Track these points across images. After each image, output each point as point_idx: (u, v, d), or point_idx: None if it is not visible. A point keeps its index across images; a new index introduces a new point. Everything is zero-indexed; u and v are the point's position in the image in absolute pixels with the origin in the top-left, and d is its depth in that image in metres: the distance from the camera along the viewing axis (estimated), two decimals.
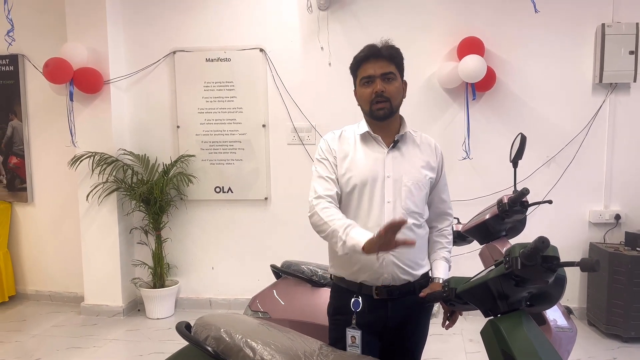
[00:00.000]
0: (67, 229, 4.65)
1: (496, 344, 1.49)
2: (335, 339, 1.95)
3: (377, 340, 1.95)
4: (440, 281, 1.93)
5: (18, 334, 4.03)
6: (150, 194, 4.15)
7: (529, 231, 2.46)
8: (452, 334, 3.84)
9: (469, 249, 3.08)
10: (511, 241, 2.50)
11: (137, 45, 4.41)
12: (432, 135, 2.08)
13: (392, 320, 1.92)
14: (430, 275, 2.01)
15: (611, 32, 3.86)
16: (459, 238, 2.70)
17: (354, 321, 1.89)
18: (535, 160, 4.04)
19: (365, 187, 1.89)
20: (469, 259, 3.28)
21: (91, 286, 4.43)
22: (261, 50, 4.28)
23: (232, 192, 4.42)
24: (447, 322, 1.91)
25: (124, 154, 4.32)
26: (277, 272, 2.78)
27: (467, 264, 2.92)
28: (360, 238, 1.68)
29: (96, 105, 4.27)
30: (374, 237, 1.63)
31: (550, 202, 2.50)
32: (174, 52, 4.36)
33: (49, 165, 4.67)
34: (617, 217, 4.02)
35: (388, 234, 1.56)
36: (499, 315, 1.54)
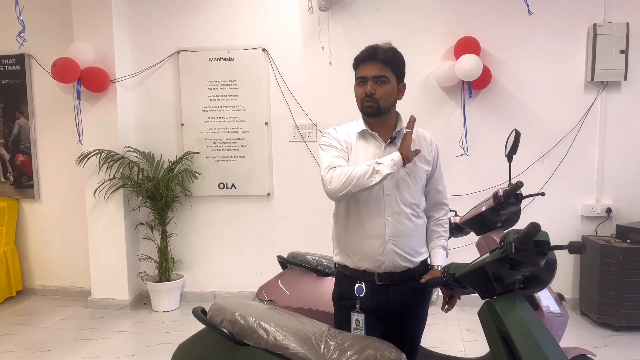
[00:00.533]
0: (73, 225, 4.75)
1: (492, 323, 1.62)
2: (341, 323, 2.07)
3: (380, 324, 2.06)
4: (439, 268, 2.04)
5: (27, 327, 4.13)
6: (156, 190, 4.25)
7: (524, 223, 2.56)
8: (450, 324, 3.99)
9: (466, 242, 3.20)
10: None
11: (142, 45, 4.52)
12: (430, 132, 2.19)
13: (394, 305, 2.04)
14: (429, 262, 2.13)
15: (602, 32, 3.98)
16: (456, 230, 2.82)
17: (357, 306, 2.01)
18: (530, 156, 4.17)
19: None
20: (466, 251, 3.39)
21: (98, 280, 4.54)
22: (263, 50, 4.39)
23: (235, 188, 4.53)
24: (447, 306, 2.03)
25: (130, 151, 4.43)
26: (284, 262, 2.89)
27: (464, 255, 3.04)
28: (392, 154, 1.92)
29: (102, 104, 4.37)
30: (403, 139, 1.96)
31: (543, 194, 2.62)
32: (178, 52, 4.47)
33: (55, 163, 4.78)
34: (609, 210, 4.15)
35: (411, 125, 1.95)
36: (494, 297, 1.67)
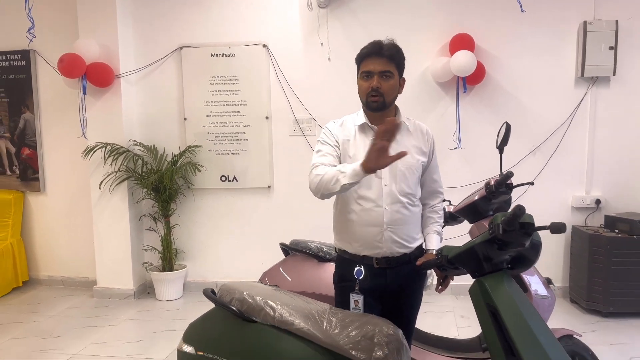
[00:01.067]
0: (78, 217, 4.88)
1: (482, 299, 1.75)
2: (341, 303, 2.20)
3: (378, 304, 2.19)
4: (433, 252, 2.17)
5: (35, 315, 4.26)
6: (160, 183, 4.37)
7: None
8: (445, 311, 4.14)
9: (461, 233, 3.31)
10: None
11: (146, 41, 4.63)
12: (426, 125, 2.28)
13: (390, 287, 2.17)
14: (424, 247, 2.26)
15: (592, 29, 4.11)
16: (451, 218, 2.95)
17: (357, 287, 2.13)
18: (522, 149, 4.31)
19: None
20: (461, 241, 3.51)
21: (103, 270, 4.66)
22: (264, 46, 4.51)
23: (237, 180, 4.66)
24: (440, 286, 2.17)
25: (134, 144, 4.54)
26: (286, 249, 3.03)
27: (459, 244, 3.16)
28: (355, 164, 1.86)
29: (107, 99, 4.49)
30: (369, 150, 1.79)
31: (532, 183, 2.76)
32: (181, 48, 4.58)
33: (60, 156, 4.89)
34: (598, 202, 4.30)
35: (384, 136, 1.74)
36: (484, 276, 1.80)
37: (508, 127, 2.67)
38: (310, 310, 1.95)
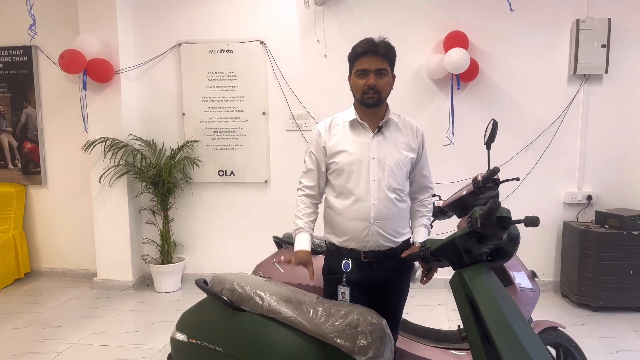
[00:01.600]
0: (79, 210, 4.96)
1: (461, 290, 1.82)
2: (329, 295, 2.27)
3: (365, 296, 2.25)
4: (419, 244, 2.24)
5: (37, 306, 4.35)
6: (159, 177, 4.45)
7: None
8: (437, 304, 4.22)
9: (451, 227, 3.37)
10: None
11: (145, 38, 4.70)
12: (419, 122, 2.35)
13: (377, 279, 2.24)
14: (411, 241, 2.32)
15: (585, 27, 4.15)
16: (440, 213, 3.01)
17: (344, 279, 2.20)
18: (515, 146, 4.36)
19: (353, 167, 2.18)
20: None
21: (103, 262, 4.75)
22: (261, 42, 4.57)
23: (234, 175, 4.73)
24: (425, 278, 2.24)
25: (134, 139, 4.62)
26: (279, 242, 3.10)
27: None
28: (297, 245, 2.26)
29: (107, 94, 4.56)
30: (300, 250, 2.25)
31: (517, 179, 2.81)
32: (180, 44, 4.65)
33: (61, 150, 4.97)
34: (589, 198, 4.36)
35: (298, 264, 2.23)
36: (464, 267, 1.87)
37: (495, 125, 2.72)
38: (297, 299, 2.03)
